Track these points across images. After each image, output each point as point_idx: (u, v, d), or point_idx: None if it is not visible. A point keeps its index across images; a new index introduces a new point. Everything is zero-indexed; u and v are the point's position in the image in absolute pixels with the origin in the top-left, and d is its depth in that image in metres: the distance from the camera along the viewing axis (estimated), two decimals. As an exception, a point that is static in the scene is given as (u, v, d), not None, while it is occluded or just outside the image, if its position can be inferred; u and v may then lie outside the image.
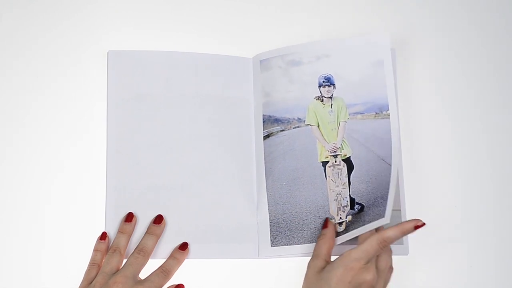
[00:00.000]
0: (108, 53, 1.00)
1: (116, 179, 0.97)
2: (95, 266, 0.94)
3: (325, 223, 0.96)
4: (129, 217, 0.96)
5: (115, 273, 0.92)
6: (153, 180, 0.98)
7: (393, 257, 0.93)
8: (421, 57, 1.04)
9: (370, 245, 0.89)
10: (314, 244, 0.94)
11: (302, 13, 1.05)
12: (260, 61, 1.02)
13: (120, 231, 0.95)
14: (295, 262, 0.96)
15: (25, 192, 0.97)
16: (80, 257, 0.95)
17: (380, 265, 0.90)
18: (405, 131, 1.00)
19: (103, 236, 0.95)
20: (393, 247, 0.94)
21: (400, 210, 0.98)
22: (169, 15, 1.03)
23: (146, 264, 0.94)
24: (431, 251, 0.97)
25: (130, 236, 0.96)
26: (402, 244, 0.97)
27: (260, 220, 0.98)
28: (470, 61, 1.04)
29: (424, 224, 0.89)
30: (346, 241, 0.95)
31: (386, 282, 0.92)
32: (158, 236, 0.95)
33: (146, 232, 0.96)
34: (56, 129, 0.99)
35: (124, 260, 0.94)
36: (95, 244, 0.95)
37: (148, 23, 1.03)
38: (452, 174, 1.00)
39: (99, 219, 0.96)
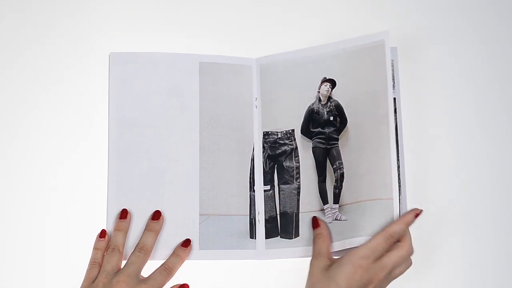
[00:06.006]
0: (109, 54, 1.01)
1: (117, 178, 0.98)
2: (96, 265, 0.93)
3: (315, 222, 0.97)
4: (124, 214, 0.96)
5: (117, 272, 0.92)
6: (154, 179, 0.98)
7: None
8: (423, 56, 1.04)
9: (377, 242, 0.89)
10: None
11: (305, 18, 1.05)
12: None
13: (116, 228, 0.95)
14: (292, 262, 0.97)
15: (27, 191, 0.97)
16: (81, 256, 0.95)
17: (394, 272, 0.91)
18: (406, 130, 1.00)
19: (103, 234, 0.95)
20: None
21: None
22: (170, 17, 1.04)
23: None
24: (431, 251, 0.98)
25: (127, 232, 0.95)
26: None
27: None
28: (473, 61, 1.04)
29: (421, 211, 0.92)
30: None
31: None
32: (157, 233, 0.95)
33: (145, 229, 0.95)
34: (58, 130, 0.99)
35: (125, 258, 0.95)
36: (95, 242, 0.95)
37: (150, 24, 1.03)
38: (452, 174, 1.00)
39: (100, 218, 0.97)
